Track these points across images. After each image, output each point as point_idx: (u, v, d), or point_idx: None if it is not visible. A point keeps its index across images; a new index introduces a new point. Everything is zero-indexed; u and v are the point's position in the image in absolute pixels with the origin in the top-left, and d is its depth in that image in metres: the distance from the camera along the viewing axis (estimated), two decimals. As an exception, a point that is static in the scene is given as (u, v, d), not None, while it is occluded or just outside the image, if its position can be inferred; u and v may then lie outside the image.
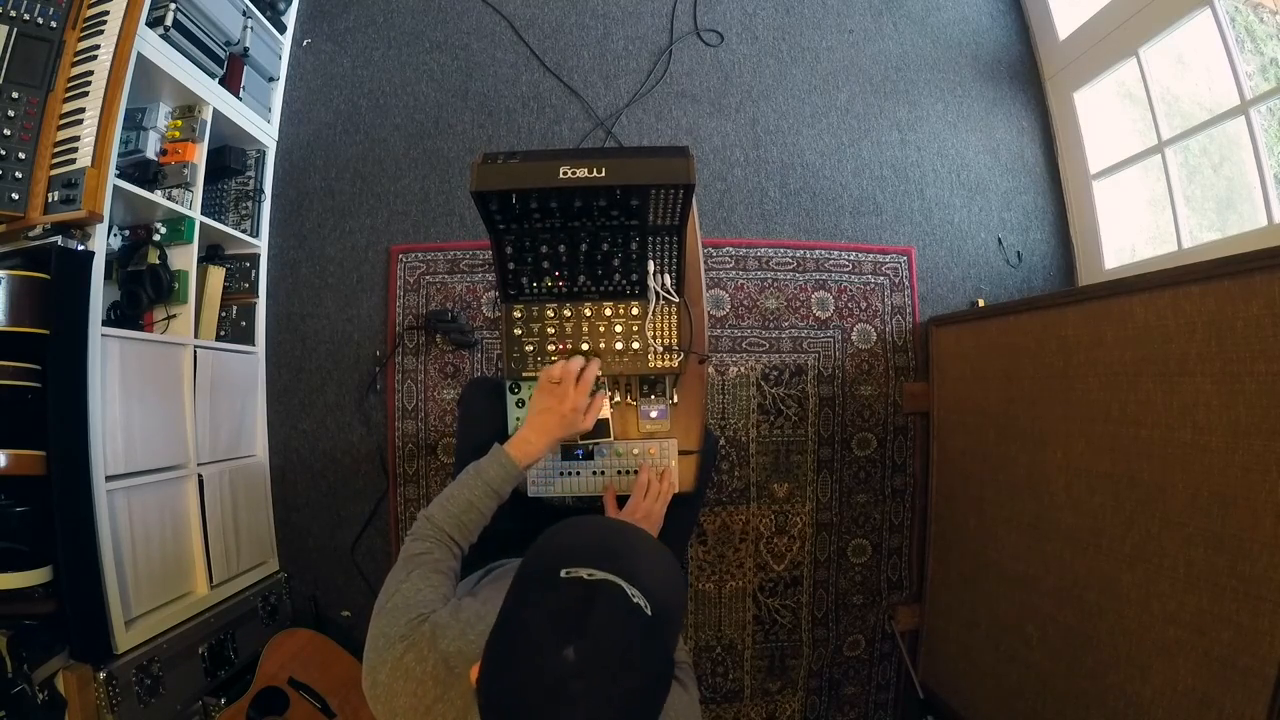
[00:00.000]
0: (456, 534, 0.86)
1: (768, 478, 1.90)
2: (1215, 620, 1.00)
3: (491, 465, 0.91)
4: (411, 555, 0.81)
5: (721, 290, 1.93)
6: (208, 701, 1.47)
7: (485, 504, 0.89)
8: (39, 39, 1.27)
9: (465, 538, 0.87)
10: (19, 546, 1.16)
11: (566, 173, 0.85)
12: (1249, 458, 0.95)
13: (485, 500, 0.89)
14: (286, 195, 1.94)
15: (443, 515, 0.86)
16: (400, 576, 0.77)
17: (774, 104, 2.03)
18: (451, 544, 0.85)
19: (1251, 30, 1.77)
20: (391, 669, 0.67)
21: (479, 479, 0.89)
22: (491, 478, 0.90)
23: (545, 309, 1.04)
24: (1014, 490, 1.48)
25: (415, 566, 0.79)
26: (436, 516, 0.86)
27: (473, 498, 0.88)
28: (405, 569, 0.79)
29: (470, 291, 1.89)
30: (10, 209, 1.21)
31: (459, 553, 0.86)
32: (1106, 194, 1.99)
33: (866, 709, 1.96)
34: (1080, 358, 1.29)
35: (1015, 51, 2.16)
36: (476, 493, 0.88)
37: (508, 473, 0.91)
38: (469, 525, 0.87)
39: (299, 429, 1.89)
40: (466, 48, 2.00)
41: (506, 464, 0.91)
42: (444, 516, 0.86)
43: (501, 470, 0.91)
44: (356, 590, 1.86)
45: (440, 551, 0.83)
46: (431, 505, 0.88)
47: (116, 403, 1.35)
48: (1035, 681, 1.40)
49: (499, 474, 0.90)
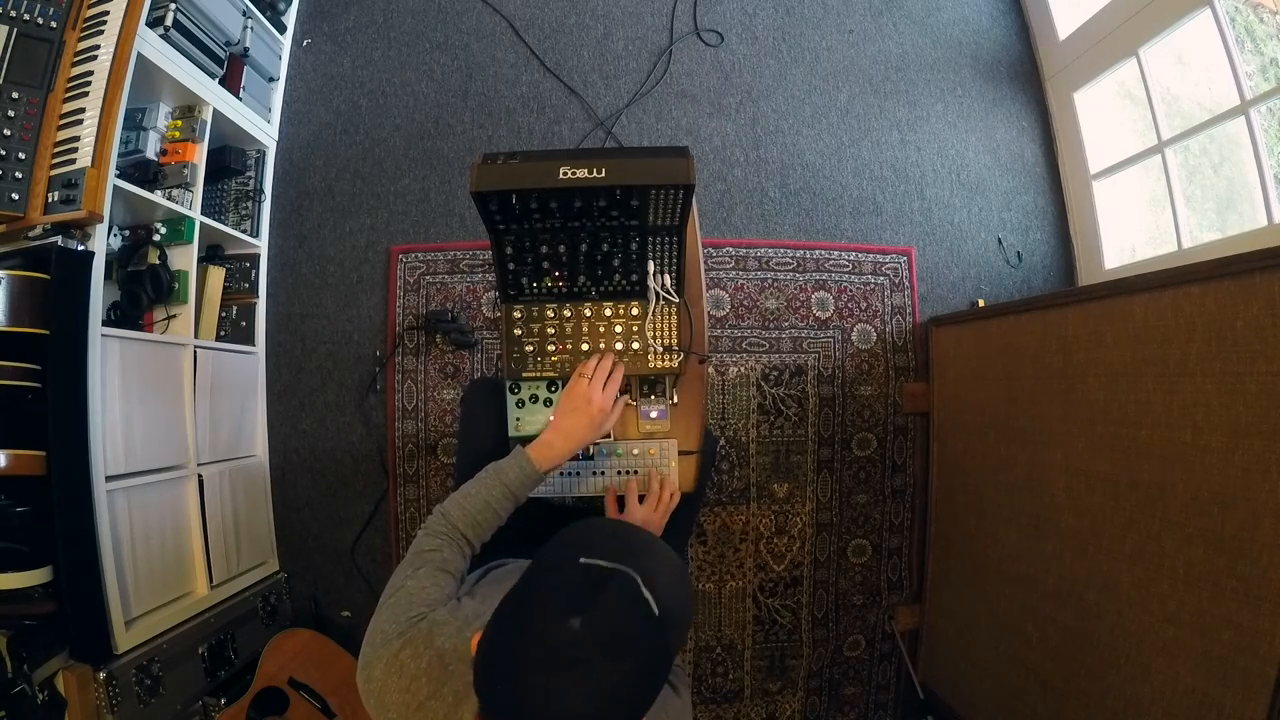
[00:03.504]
0: (470, 533, 0.86)
1: (768, 478, 1.90)
2: (1215, 620, 1.00)
3: (511, 467, 0.91)
4: (421, 551, 0.82)
5: (721, 290, 1.93)
6: (208, 701, 1.47)
7: (502, 505, 0.89)
8: (39, 39, 1.27)
9: (478, 537, 0.87)
10: (19, 546, 1.16)
11: (566, 173, 0.85)
12: (1249, 458, 0.95)
13: (502, 502, 0.89)
14: (286, 195, 1.94)
15: (458, 513, 0.86)
16: (407, 572, 0.78)
17: (774, 104, 2.03)
18: (464, 542, 0.86)
19: (1251, 30, 1.77)
20: (386, 665, 0.68)
21: (498, 480, 0.90)
22: (510, 480, 0.90)
23: (545, 309, 1.04)
24: (1014, 490, 1.48)
25: (423, 564, 0.79)
26: (452, 514, 0.86)
27: (490, 498, 0.88)
28: (413, 565, 0.79)
29: (470, 291, 1.89)
30: (10, 209, 1.21)
31: (469, 552, 0.87)
32: (1106, 194, 1.99)
33: (866, 709, 1.96)
34: (1080, 358, 1.29)
35: (1015, 51, 2.16)
36: (494, 493, 0.89)
37: (527, 476, 0.91)
38: (484, 525, 0.88)
39: (299, 429, 1.89)
40: (466, 48, 2.00)
41: (526, 467, 0.91)
42: (459, 514, 0.86)
43: (521, 473, 0.91)
44: (356, 590, 1.86)
45: (450, 550, 0.83)
46: (448, 501, 0.89)
47: (116, 403, 1.35)
48: (1035, 681, 1.40)
49: (518, 476, 0.90)
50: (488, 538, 0.89)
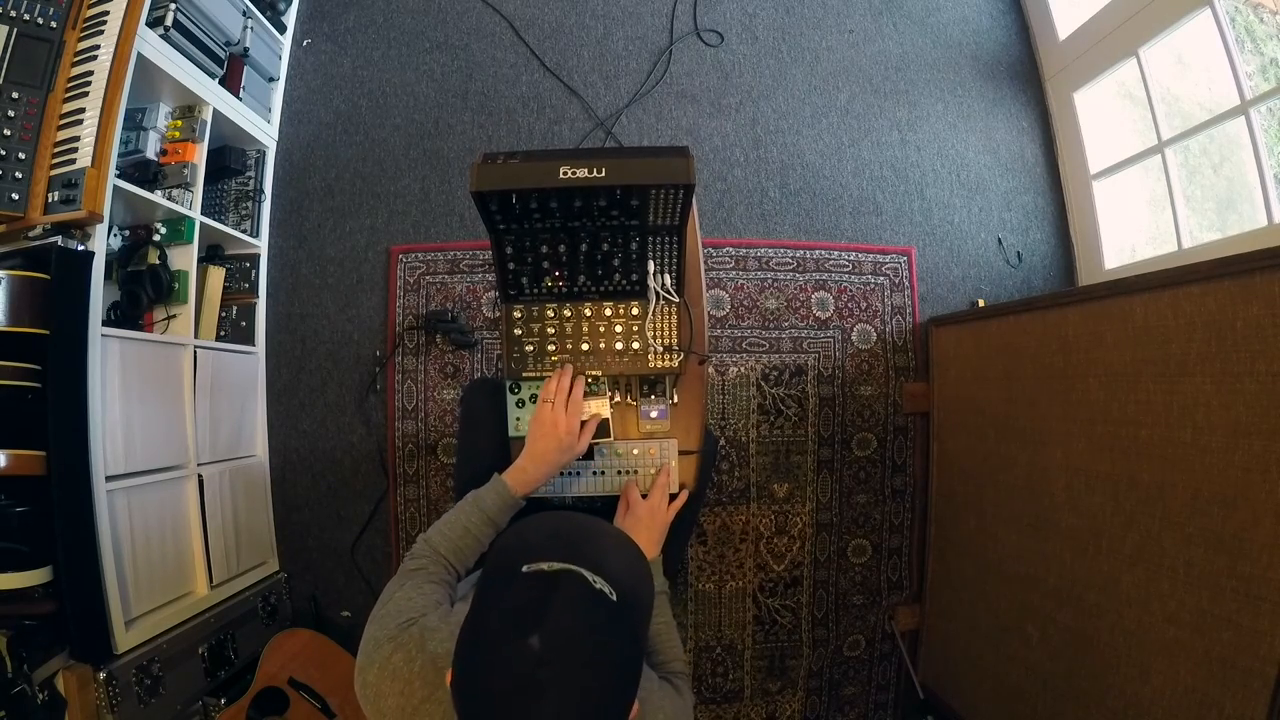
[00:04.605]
0: (453, 558, 0.89)
1: (768, 478, 1.90)
2: (1215, 620, 1.00)
3: (489, 494, 0.93)
4: (408, 570, 0.85)
5: (721, 290, 1.93)
6: (208, 702, 1.47)
7: (482, 532, 0.91)
8: (39, 39, 1.27)
9: (461, 563, 0.90)
10: (19, 546, 1.16)
11: (566, 173, 0.85)
12: (1249, 458, 0.95)
13: (482, 528, 0.91)
14: (286, 195, 1.94)
15: (440, 539, 0.89)
16: (394, 587, 0.80)
17: (774, 104, 2.03)
18: (447, 565, 0.88)
19: (1251, 30, 1.78)
20: (379, 669, 0.69)
21: (477, 507, 0.92)
22: (489, 506, 0.92)
23: (545, 309, 1.04)
24: (1014, 490, 1.48)
25: (410, 579, 0.82)
26: (434, 540, 0.89)
27: (469, 525, 0.91)
28: (400, 581, 0.82)
29: (470, 291, 1.89)
30: (10, 209, 1.21)
31: (454, 576, 0.89)
32: (1106, 194, 1.99)
33: (866, 709, 1.96)
34: (1080, 358, 1.29)
35: (1015, 51, 2.16)
36: (474, 520, 0.91)
37: (505, 502, 0.93)
38: (465, 551, 0.90)
39: (299, 429, 1.89)
40: (466, 48, 2.00)
41: (504, 493, 0.93)
42: (441, 540, 0.89)
43: (499, 500, 0.93)
44: (356, 590, 1.86)
45: (435, 568, 0.86)
46: (430, 529, 0.91)
47: (116, 403, 1.35)
48: (1035, 681, 1.39)
49: (496, 503, 0.93)
50: (471, 563, 0.92)
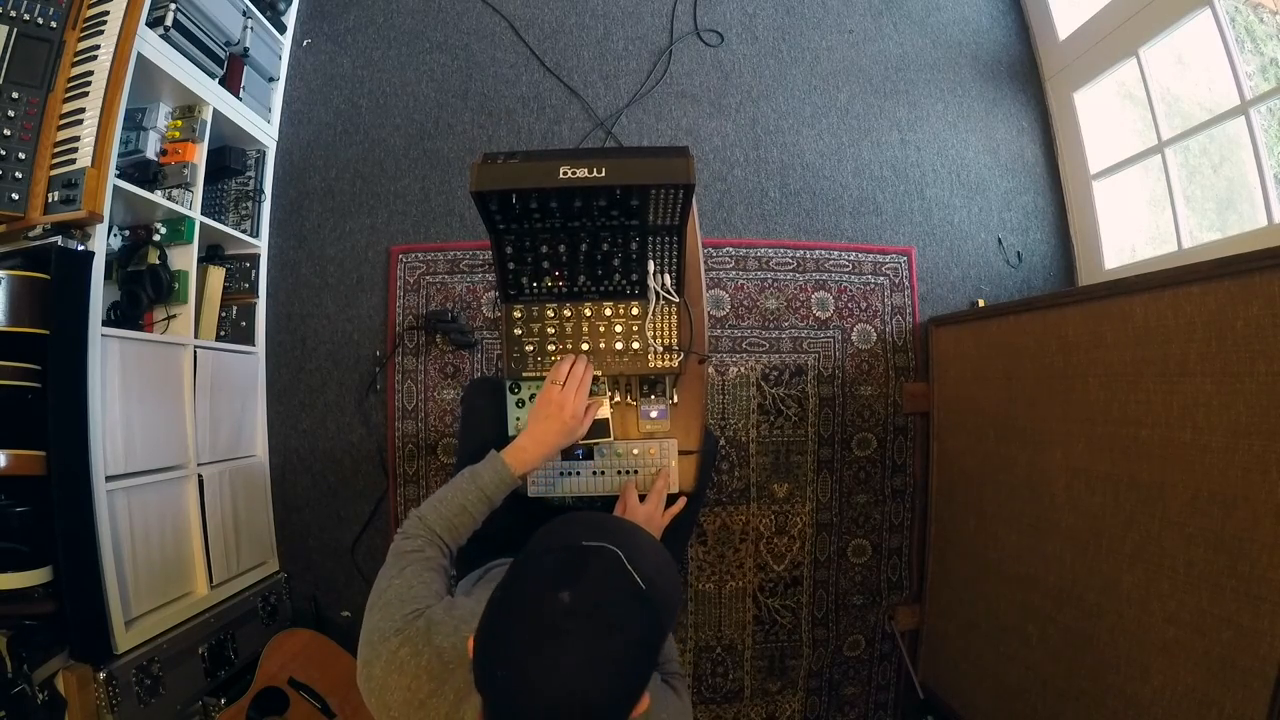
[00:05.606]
0: (446, 535, 0.86)
1: (768, 478, 1.90)
2: (1215, 620, 1.00)
3: (487, 471, 0.91)
4: (403, 552, 0.82)
5: (721, 290, 1.93)
6: (208, 701, 1.47)
7: (477, 509, 0.89)
8: (39, 39, 1.27)
9: (455, 540, 0.88)
10: (19, 546, 1.16)
11: (566, 173, 0.85)
12: (1249, 458, 0.95)
13: (478, 505, 0.89)
14: (286, 195, 1.94)
15: (434, 516, 0.87)
16: (392, 573, 0.78)
17: (774, 104, 2.03)
18: (441, 544, 0.86)
19: (1251, 30, 1.78)
20: (386, 662, 0.68)
21: (473, 484, 0.90)
22: (486, 483, 0.90)
23: (545, 309, 1.04)
24: (1014, 490, 1.48)
25: (408, 564, 0.79)
26: (428, 517, 0.87)
27: (465, 502, 0.89)
28: (398, 565, 0.79)
29: (470, 291, 1.89)
30: (10, 209, 1.21)
31: (448, 553, 0.87)
32: (1106, 194, 1.99)
33: (866, 709, 1.96)
34: (1080, 358, 1.29)
35: (1015, 51, 2.16)
36: (470, 497, 0.89)
37: (502, 480, 0.91)
38: (460, 528, 0.88)
39: (299, 429, 1.89)
40: (466, 48, 2.00)
41: (502, 471, 0.91)
42: (435, 517, 0.87)
43: (496, 477, 0.91)
44: (356, 590, 1.85)
45: (431, 550, 0.84)
46: (424, 505, 0.89)
47: (116, 403, 1.35)
48: (1035, 681, 1.40)
49: (493, 480, 0.91)
50: (464, 541, 0.90)
